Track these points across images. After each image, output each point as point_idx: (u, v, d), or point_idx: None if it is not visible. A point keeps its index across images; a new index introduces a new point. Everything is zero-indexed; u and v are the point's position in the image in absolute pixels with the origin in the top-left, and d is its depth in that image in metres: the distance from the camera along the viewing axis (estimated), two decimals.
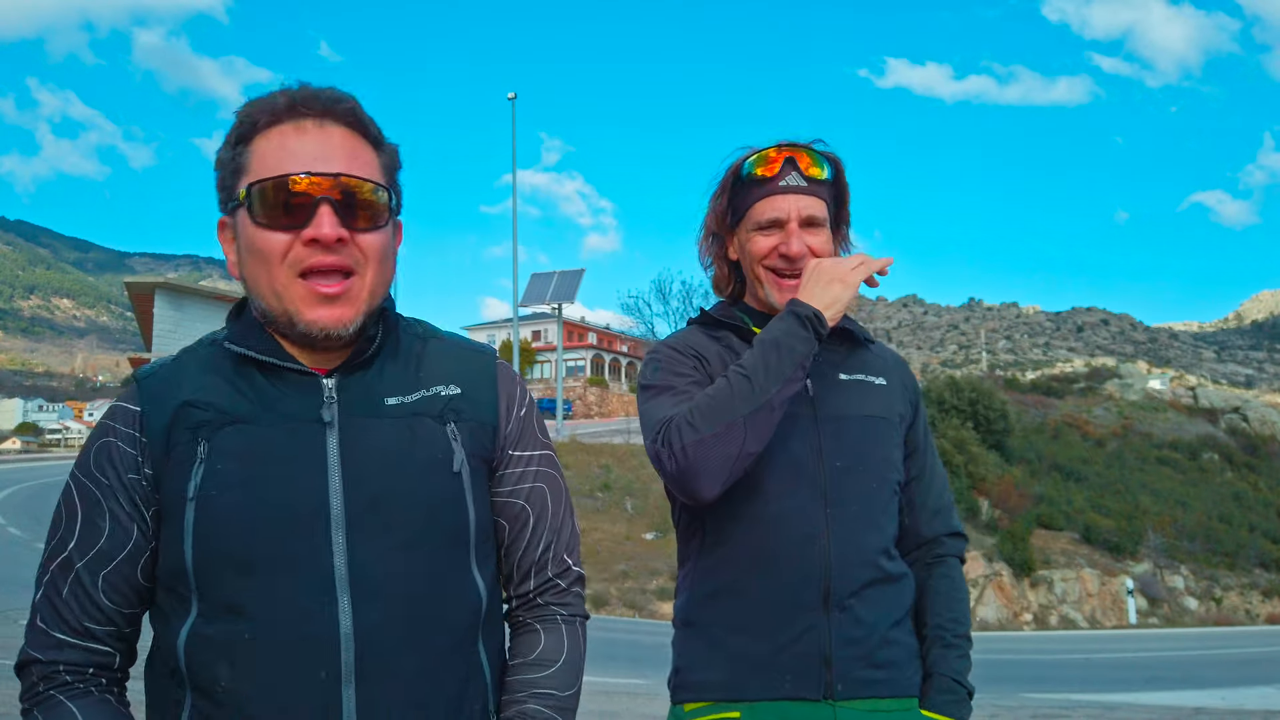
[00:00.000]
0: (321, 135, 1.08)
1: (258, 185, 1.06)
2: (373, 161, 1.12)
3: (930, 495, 1.67)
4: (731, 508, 1.50)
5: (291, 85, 1.11)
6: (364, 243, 1.09)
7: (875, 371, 1.64)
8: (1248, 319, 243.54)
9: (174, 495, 1.08)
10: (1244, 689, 8.95)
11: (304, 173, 1.05)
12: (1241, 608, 28.25)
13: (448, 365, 1.19)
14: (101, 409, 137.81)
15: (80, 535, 1.10)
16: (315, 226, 1.05)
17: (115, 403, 1.16)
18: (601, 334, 76.18)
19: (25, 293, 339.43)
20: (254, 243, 1.08)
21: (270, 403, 1.09)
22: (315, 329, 1.08)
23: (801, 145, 1.58)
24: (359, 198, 1.08)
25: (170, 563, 1.08)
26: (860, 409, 1.58)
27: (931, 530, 1.66)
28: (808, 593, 1.47)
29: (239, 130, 1.10)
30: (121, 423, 1.12)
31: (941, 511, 1.68)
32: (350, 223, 1.08)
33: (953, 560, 1.66)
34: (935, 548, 1.66)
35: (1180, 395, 55.04)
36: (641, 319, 42.96)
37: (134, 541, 1.10)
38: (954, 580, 1.64)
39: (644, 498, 25.69)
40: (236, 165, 1.10)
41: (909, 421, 1.66)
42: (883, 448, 1.58)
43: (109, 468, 1.10)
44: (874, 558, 1.52)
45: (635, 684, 7.49)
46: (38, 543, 12.13)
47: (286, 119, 1.08)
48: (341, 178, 1.07)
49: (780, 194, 1.56)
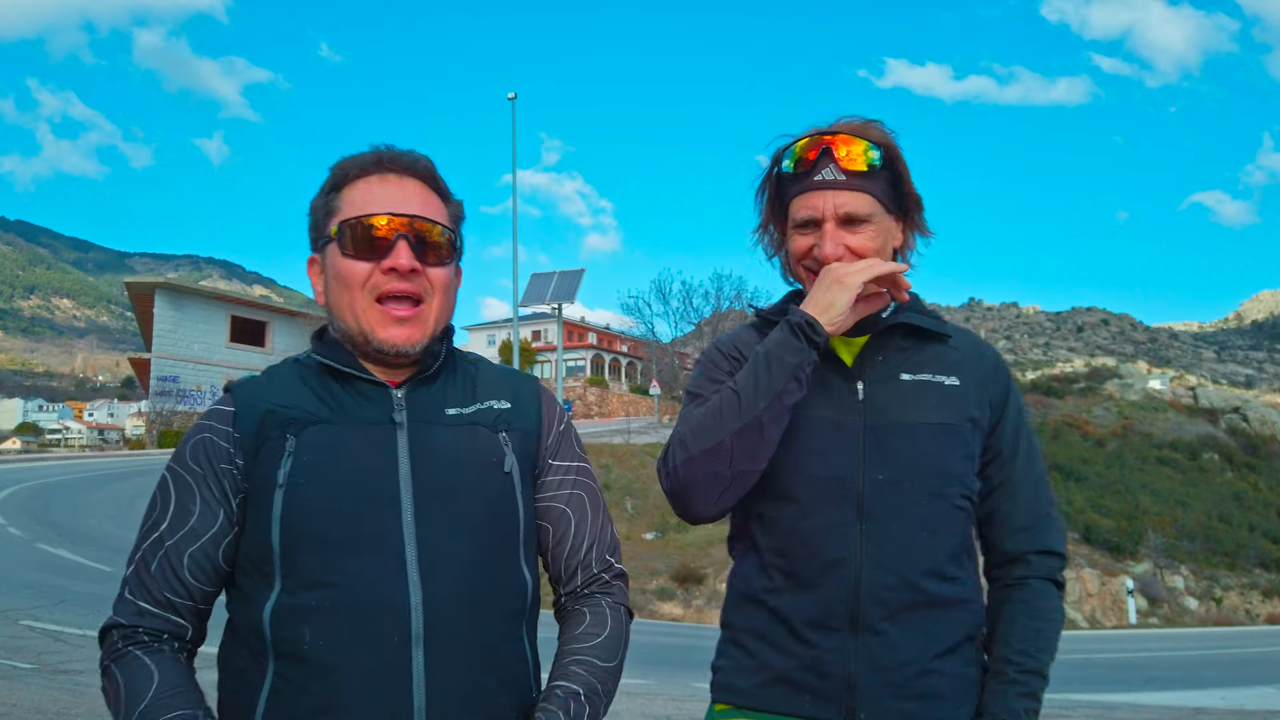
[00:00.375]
0: (401, 186, 1.29)
1: (348, 222, 1.27)
2: (442, 211, 1.33)
3: (1016, 507, 1.48)
4: (769, 517, 1.46)
5: (380, 146, 1.32)
6: (432, 275, 1.29)
7: (947, 369, 1.47)
8: (1248, 319, 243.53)
9: (264, 483, 1.23)
10: (1244, 689, 8.96)
11: (386, 213, 1.26)
12: (1241, 608, 28.27)
13: (500, 384, 1.37)
14: (102, 409, 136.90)
15: (173, 517, 1.24)
16: (393, 257, 1.25)
17: (211, 407, 1.32)
18: (601, 334, 76.19)
19: (25, 292, 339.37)
20: (340, 271, 1.27)
21: (349, 408, 1.27)
22: (388, 346, 1.26)
23: (843, 130, 1.43)
24: (429, 239, 1.28)
25: (257, 543, 1.22)
26: (918, 415, 1.43)
27: (1015, 547, 1.48)
28: (833, 612, 1.39)
29: (333, 180, 1.31)
30: (217, 420, 1.28)
31: (1030, 527, 1.48)
32: (421, 258, 1.28)
33: (1036, 583, 1.46)
34: (1016, 568, 1.48)
35: (1180, 395, 55.04)
36: (641, 319, 43.08)
37: (219, 524, 1.24)
38: (1032, 606, 1.44)
39: (644, 497, 25.69)
40: (329, 208, 1.30)
41: (988, 424, 1.48)
42: (940, 458, 1.42)
43: (203, 459, 1.26)
44: (916, 579, 1.39)
45: (636, 684, 7.49)
46: (38, 542, 12.15)
47: (374, 172, 1.29)
48: (416, 220, 1.27)
49: (815, 190, 1.42)
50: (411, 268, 1.26)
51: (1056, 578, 1.48)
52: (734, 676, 1.49)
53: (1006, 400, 1.51)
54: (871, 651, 1.38)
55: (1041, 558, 1.47)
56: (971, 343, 1.54)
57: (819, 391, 1.46)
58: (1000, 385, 1.51)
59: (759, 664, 1.45)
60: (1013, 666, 1.40)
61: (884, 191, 1.45)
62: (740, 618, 1.50)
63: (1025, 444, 1.51)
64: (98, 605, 8.38)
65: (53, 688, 5.30)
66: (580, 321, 76.60)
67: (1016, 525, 1.48)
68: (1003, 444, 1.49)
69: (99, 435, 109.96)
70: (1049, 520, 1.49)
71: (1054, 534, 1.50)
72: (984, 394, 1.48)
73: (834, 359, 1.49)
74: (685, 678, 8.15)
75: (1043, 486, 1.52)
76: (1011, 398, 1.52)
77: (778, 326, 1.41)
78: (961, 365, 1.49)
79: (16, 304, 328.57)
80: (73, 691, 5.25)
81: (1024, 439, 1.51)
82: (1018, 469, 1.49)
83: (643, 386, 59.83)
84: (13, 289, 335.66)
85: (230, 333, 40.08)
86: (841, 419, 1.44)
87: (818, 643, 1.40)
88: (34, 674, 5.62)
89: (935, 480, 1.42)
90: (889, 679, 1.37)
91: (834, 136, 1.42)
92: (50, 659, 6.08)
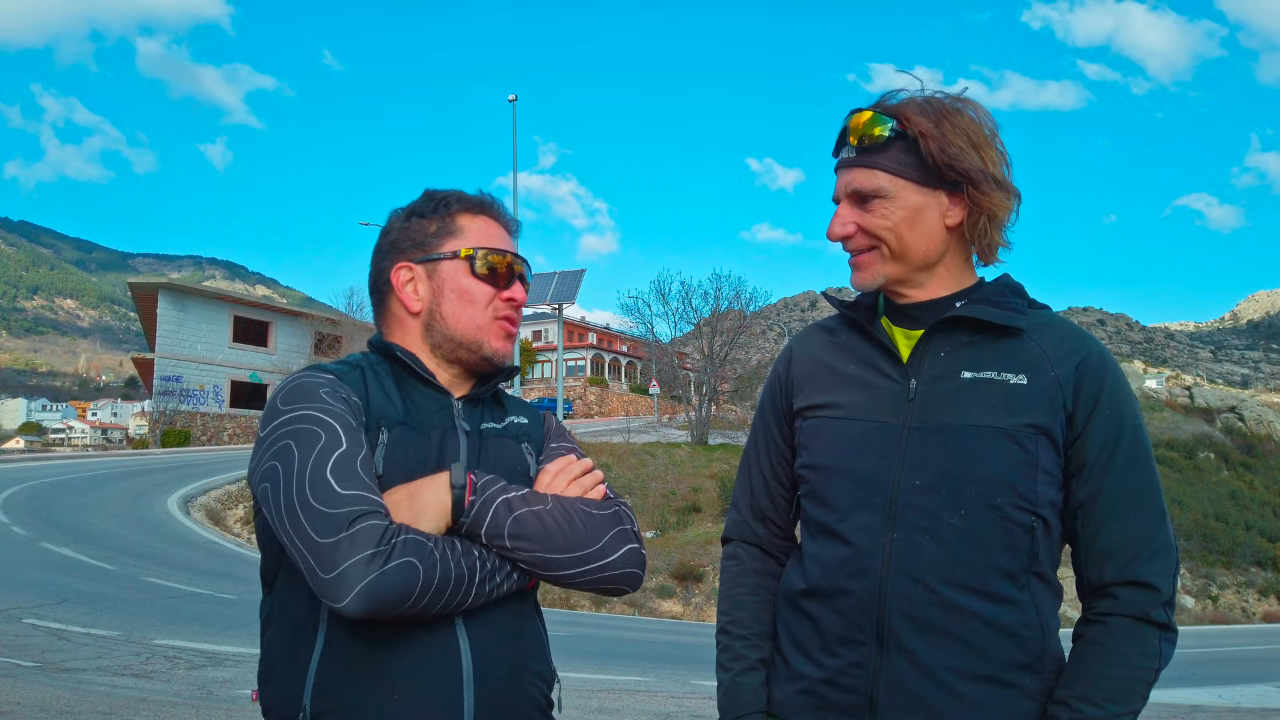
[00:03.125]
0: (505, 232, 1.49)
1: (484, 250, 1.44)
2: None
3: (1102, 530, 1.29)
4: (810, 520, 1.43)
5: (481, 191, 1.51)
6: (520, 305, 1.49)
7: (1017, 366, 1.31)
8: (1244, 319, 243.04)
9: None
10: (1240, 687, 9.00)
11: (514, 254, 1.47)
12: (1238, 606, 28.26)
13: (520, 407, 1.56)
14: (105, 409, 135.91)
15: (347, 439, 1.23)
16: (515, 290, 1.46)
17: (312, 373, 1.33)
18: (601, 334, 76.12)
19: (29, 293, 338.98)
20: (468, 290, 1.43)
21: (421, 412, 1.39)
22: (498, 357, 1.45)
23: (867, 107, 1.36)
24: (527, 280, 1.51)
25: None
26: (973, 415, 1.29)
27: (1098, 576, 1.29)
28: (860, 624, 1.31)
29: (445, 205, 1.46)
30: (334, 378, 1.32)
31: (1118, 553, 1.28)
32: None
33: (1119, 621, 1.26)
34: (1101, 601, 1.29)
35: (1176, 395, 54.96)
36: (641, 319, 43.04)
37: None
38: (1108, 649, 1.25)
39: (644, 496, 25.70)
40: (447, 229, 1.45)
41: (1065, 428, 1.30)
42: (993, 464, 1.27)
43: (340, 398, 1.28)
44: (952, 595, 1.26)
45: (636, 680, 7.53)
46: (41, 541, 12.16)
47: (487, 213, 1.48)
48: (521, 263, 1.49)
49: (838, 171, 1.39)
50: (524, 301, 1.49)
51: (1154, 617, 1.26)
52: (769, 683, 1.45)
53: (1097, 403, 1.30)
54: (896, 669, 1.28)
55: (1131, 590, 1.27)
56: (1061, 336, 1.35)
57: (864, 390, 1.38)
58: (1090, 386, 1.31)
59: (792, 673, 1.40)
60: (1067, 710, 1.24)
61: (901, 162, 1.32)
62: (780, 621, 1.46)
63: (1124, 457, 1.30)
64: (100, 604, 8.42)
65: (55, 686, 5.33)
66: (580, 321, 76.56)
67: (1103, 551, 1.29)
68: (1089, 454, 1.30)
69: (102, 435, 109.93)
70: (1143, 547, 1.28)
71: (1154, 564, 1.27)
72: (1060, 394, 1.30)
73: (887, 352, 1.39)
74: (684, 675, 8.18)
75: (1147, 508, 1.29)
76: (1105, 401, 1.31)
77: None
78: (1035, 362, 1.32)
79: (20, 304, 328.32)
80: (75, 690, 5.29)
81: (1123, 451, 1.30)
82: (1109, 485, 1.29)
83: (642, 386, 59.80)
84: (16, 289, 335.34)
85: (233, 333, 40.04)
86: (886, 420, 1.34)
87: (844, 655, 1.32)
88: (37, 672, 5.66)
89: (981, 488, 1.27)
90: (907, 700, 1.27)
91: (856, 115, 1.35)
92: (53, 657, 6.12)
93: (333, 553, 1.12)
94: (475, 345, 1.43)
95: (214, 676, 6.05)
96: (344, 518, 1.13)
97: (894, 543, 1.29)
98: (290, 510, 1.16)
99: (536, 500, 1.29)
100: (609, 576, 1.32)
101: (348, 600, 1.11)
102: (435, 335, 1.43)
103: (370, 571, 1.11)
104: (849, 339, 1.45)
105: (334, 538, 1.12)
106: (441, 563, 1.18)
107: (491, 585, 1.25)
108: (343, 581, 1.11)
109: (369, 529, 1.13)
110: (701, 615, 19.02)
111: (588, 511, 1.32)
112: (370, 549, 1.12)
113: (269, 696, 1.27)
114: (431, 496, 1.24)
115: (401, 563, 1.13)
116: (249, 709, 5.18)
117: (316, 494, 1.15)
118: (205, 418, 38.08)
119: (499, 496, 1.26)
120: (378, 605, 1.12)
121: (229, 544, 15.09)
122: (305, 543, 1.14)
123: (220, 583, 10.67)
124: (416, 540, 1.17)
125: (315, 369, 1.35)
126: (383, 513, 1.17)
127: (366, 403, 1.33)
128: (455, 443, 1.37)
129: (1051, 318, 1.38)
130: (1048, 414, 1.29)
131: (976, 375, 1.32)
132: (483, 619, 1.28)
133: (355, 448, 1.22)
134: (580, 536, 1.29)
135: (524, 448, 1.47)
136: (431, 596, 1.17)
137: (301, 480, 1.17)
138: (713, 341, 39.83)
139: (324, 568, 1.12)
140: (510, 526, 1.25)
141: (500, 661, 1.29)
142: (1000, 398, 1.30)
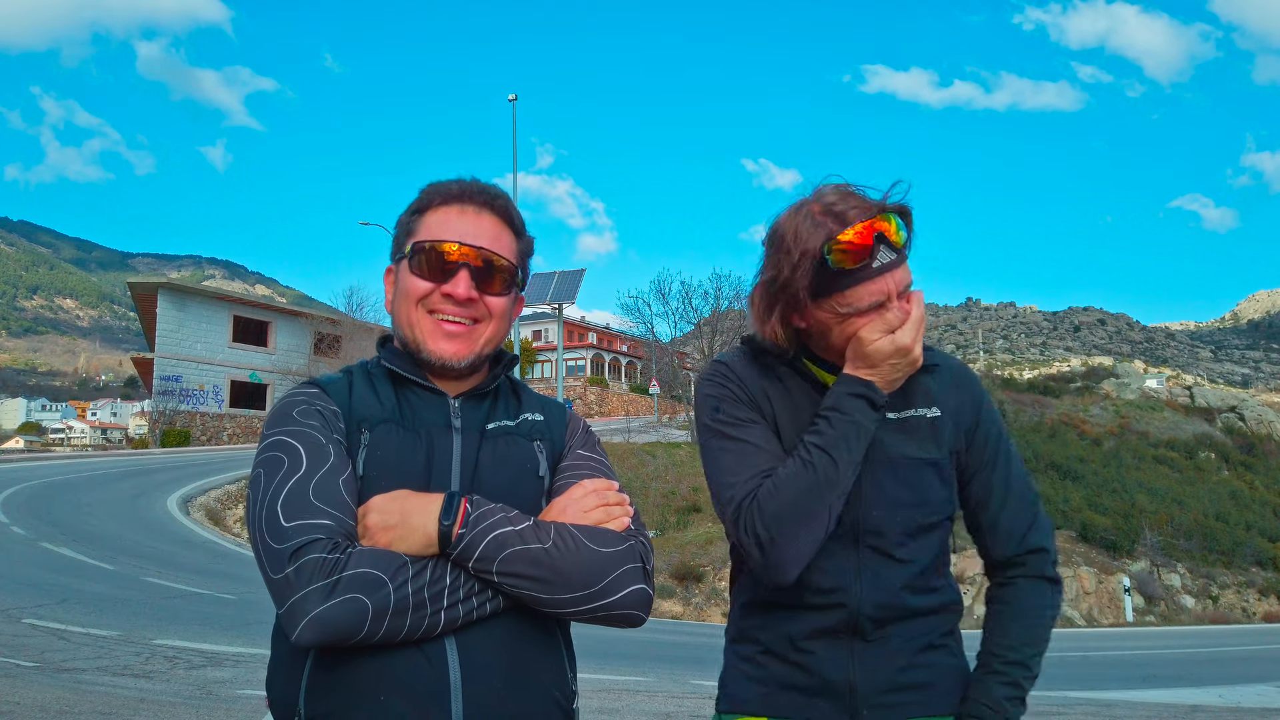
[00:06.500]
0: (477, 219, 1.40)
1: (421, 244, 1.38)
2: (512, 246, 1.44)
3: (1001, 517, 1.57)
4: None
5: (466, 178, 1.44)
6: (490, 302, 1.40)
7: (930, 401, 1.56)
8: (1244, 319, 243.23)
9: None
10: (1240, 686, 9.00)
11: (457, 242, 1.37)
12: (1238, 606, 28.29)
13: (535, 401, 1.51)
14: (105, 408, 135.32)
15: (308, 461, 1.24)
16: (453, 284, 1.36)
17: (297, 390, 1.37)
18: (601, 333, 76.16)
19: (29, 293, 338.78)
20: (406, 286, 1.39)
21: (413, 411, 1.37)
22: (434, 358, 1.37)
23: (876, 207, 1.43)
24: (495, 267, 1.39)
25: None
26: (905, 450, 1.52)
27: (1003, 553, 1.57)
28: (834, 630, 1.50)
29: (419, 203, 1.42)
30: (314, 395, 1.35)
31: (1015, 532, 1.56)
32: (484, 286, 1.39)
33: (1024, 582, 1.55)
34: (1006, 570, 1.58)
35: (1177, 394, 55.05)
36: (641, 319, 43.06)
37: (350, 468, 1.28)
38: (1019, 604, 1.54)
39: (643, 496, 25.71)
40: (410, 228, 1.41)
41: (963, 446, 1.57)
42: (925, 490, 1.52)
43: (316, 416, 1.30)
44: (906, 599, 1.51)
45: (636, 680, 7.52)
46: (41, 541, 12.15)
47: (455, 202, 1.40)
48: (483, 251, 1.38)
49: (877, 277, 1.43)
50: (469, 296, 1.37)
51: (1047, 573, 1.56)
52: (741, 687, 1.56)
53: (979, 418, 1.59)
54: (866, 657, 1.50)
55: (1029, 557, 1.56)
56: (950, 368, 1.61)
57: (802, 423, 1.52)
58: (974, 405, 1.59)
59: (767, 674, 1.54)
60: (996, 659, 1.51)
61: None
62: (748, 633, 1.58)
63: (1004, 455, 1.59)
64: (99, 604, 8.42)
65: (55, 686, 5.33)
66: (580, 321, 76.59)
67: (1003, 533, 1.57)
68: (979, 460, 1.58)
69: (102, 434, 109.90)
70: (1031, 524, 1.57)
71: (1039, 532, 1.57)
72: (960, 420, 1.57)
73: (821, 390, 1.54)
74: (685, 675, 8.19)
75: (1024, 490, 1.59)
76: (984, 413, 1.60)
77: (850, 397, 1.45)
78: (943, 394, 1.57)
79: (20, 304, 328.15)
80: (75, 690, 5.28)
81: (1002, 450, 1.59)
82: (998, 480, 1.58)
83: (642, 386, 59.82)
84: (16, 289, 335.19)
85: (233, 332, 40.02)
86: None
87: (820, 653, 1.51)
88: (36, 672, 5.65)
89: (921, 512, 1.51)
90: (880, 678, 1.49)
91: (883, 223, 1.42)
92: (53, 657, 6.11)
93: (283, 588, 1.15)
94: (415, 345, 1.38)
95: (214, 676, 6.04)
96: (286, 553, 1.16)
97: (861, 565, 1.49)
98: (254, 544, 1.21)
99: (534, 536, 1.23)
100: (606, 617, 1.28)
101: (297, 633, 1.13)
102: (398, 337, 1.43)
103: (314, 606, 1.13)
104: (793, 385, 1.56)
105: (281, 573, 1.15)
106: (397, 591, 1.15)
107: (469, 607, 1.22)
108: (290, 616, 1.14)
109: (310, 563, 1.14)
110: (701, 615, 19.01)
111: (594, 550, 1.26)
112: (316, 583, 1.13)
113: (273, 697, 1.29)
114: (419, 523, 1.21)
115: (345, 599, 1.13)
116: (249, 709, 5.18)
117: (269, 528, 1.19)
118: (205, 417, 38.08)
119: (491, 532, 1.21)
120: (327, 637, 1.13)
121: (229, 544, 15.07)
122: (264, 577, 1.19)
123: (220, 583, 10.66)
124: (363, 574, 1.14)
125: (306, 383, 1.39)
126: (328, 540, 1.16)
127: (349, 408, 1.33)
128: (448, 441, 1.35)
129: (937, 354, 1.61)
130: (953, 439, 1.56)
131: (900, 416, 1.53)
132: (475, 628, 1.25)
133: (316, 467, 1.23)
134: (577, 578, 1.23)
135: (536, 446, 1.43)
136: (390, 624, 1.15)
137: (259, 515, 1.21)
138: (713, 341, 39.86)
139: (277, 602, 1.16)
140: (499, 564, 1.21)
141: (495, 670, 1.25)
142: (927, 432, 1.53)
